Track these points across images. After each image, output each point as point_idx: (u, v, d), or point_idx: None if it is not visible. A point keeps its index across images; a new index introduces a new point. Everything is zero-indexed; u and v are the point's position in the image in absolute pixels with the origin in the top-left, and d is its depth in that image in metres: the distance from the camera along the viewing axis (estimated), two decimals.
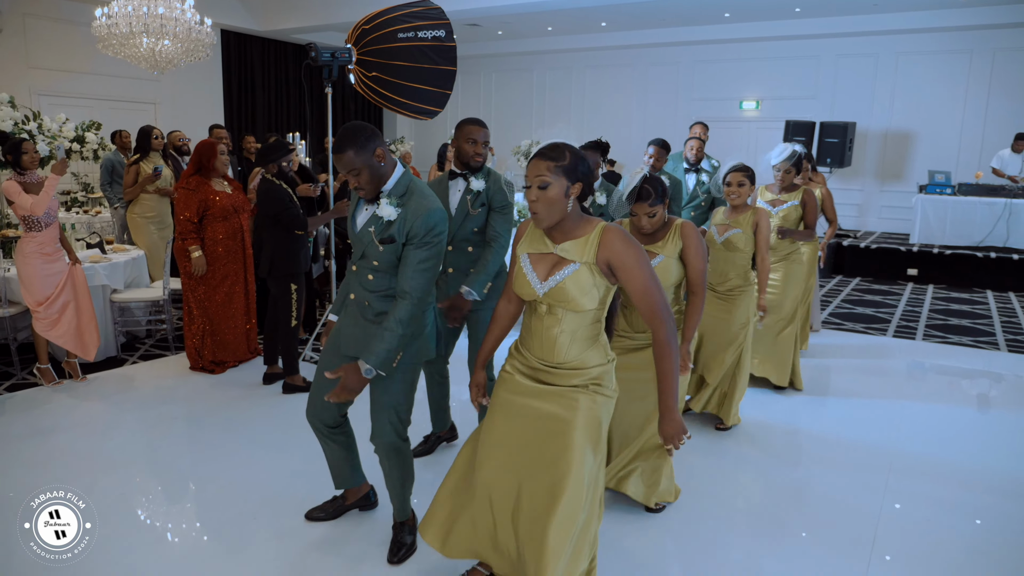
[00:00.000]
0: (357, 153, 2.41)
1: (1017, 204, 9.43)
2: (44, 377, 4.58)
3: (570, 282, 2.14)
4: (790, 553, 2.92)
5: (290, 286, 4.46)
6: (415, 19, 4.59)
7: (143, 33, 7.27)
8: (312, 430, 2.85)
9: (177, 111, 11.52)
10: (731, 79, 12.92)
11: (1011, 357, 6.00)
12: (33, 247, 4.31)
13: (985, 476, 3.68)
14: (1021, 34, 10.78)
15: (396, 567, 2.73)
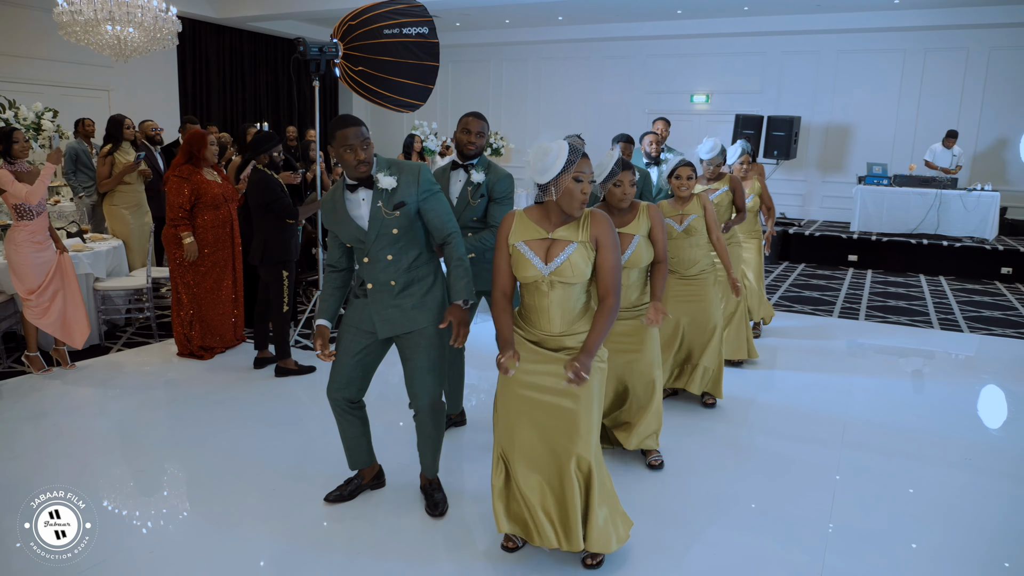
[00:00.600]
0: (367, 130, 2.78)
1: (947, 195, 10.11)
2: (33, 365, 4.63)
3: (573, 258, 2.51)
4: (772, 505, 3.27)
5: (282, 273, 4.62)
6: (400, 16, 4.78)
7: (107, 20, 7.24)
8: (332, 408, 3.04)
9: (131, 99, 11.34)
10: (682, 73, 13.38)
11: (944, 334, 6.55)
12: (25, 236, 4.37)
13: (926, 441, 4.11)
14: (949, 36, 11.51)
15: (439, 519, 3.01)
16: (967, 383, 5.33)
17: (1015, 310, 7.58)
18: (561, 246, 2.52)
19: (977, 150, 11.71)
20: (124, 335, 5.57)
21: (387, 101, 4.96)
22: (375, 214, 2.76)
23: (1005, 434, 4.40)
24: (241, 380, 4.66)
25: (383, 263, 2.81)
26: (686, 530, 3.04)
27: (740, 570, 2.78)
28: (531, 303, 2.61)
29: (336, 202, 2.85)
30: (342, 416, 3.04)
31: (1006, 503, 3.40)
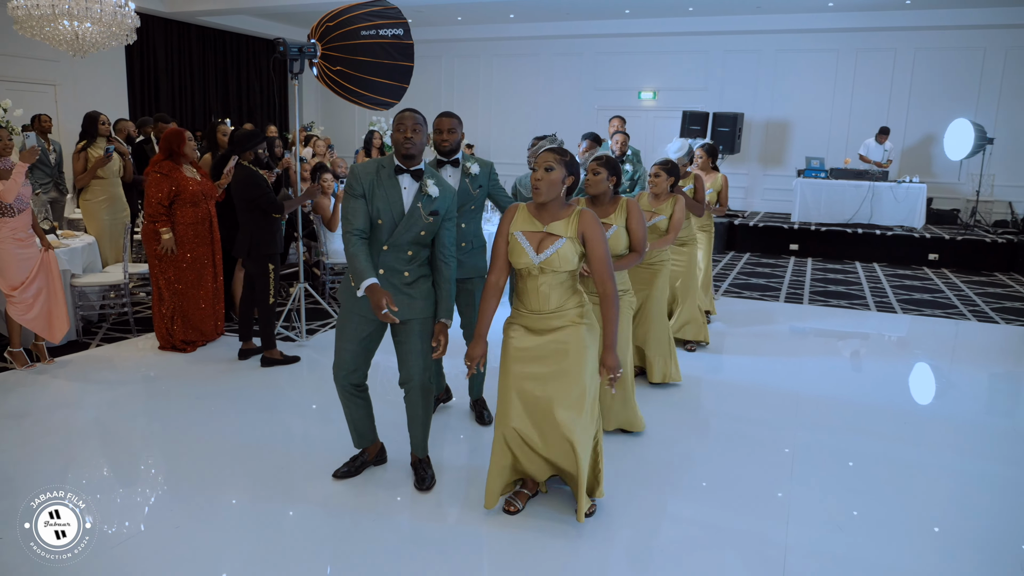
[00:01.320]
0: (419, 116, 3.02)
1: (879, 187, 10.78)
2: (16, 361, 4.67)
3: (562, 251, 2.81)
4: (747, 472, 3.62)
5: (268, 266, 4.76)
6: (376, 18, 4.96)
7: (65, 16, 7.16)
8: (339, 392, 3.24)
9: (78, 93, 11.14)
10: (630, 70, 13.81)
11: (880, 316, 7.09)
12: (6, 233, 4.40)
13: (870, 413, 4.55)
14: (878, 37, 12.22)
15: (427, 493, 3.24)
16: (904, 360, 5.85)
17: (942, 292, 8.20)
18: (552, 240, 2.82)
19: (905, 145, 12.46)
20: (100, 330, 5.61)
21: (364, 100, 5.14)
22: (413, 212, 2.98)
23: (940, 405, 4.88)
24: (228, 371, 4.79)
25: (404, 256, 3.01)
26: (653, 496, 3.36)
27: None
28: (523, 286, 2.92)
29: (384, 177, 2.99)
30: (349, 399, 3.25)
31: (944, 470, 3.80)
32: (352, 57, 4.91)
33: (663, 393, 4.61)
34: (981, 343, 6.33)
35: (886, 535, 3.04)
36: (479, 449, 3.71)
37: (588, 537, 2.93)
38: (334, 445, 3.61)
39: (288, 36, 15.39)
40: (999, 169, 11.89)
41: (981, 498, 3.41)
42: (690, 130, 11.59)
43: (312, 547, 2.84)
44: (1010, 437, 4.20)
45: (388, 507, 3.17)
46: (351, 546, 2.88)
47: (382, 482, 3.35)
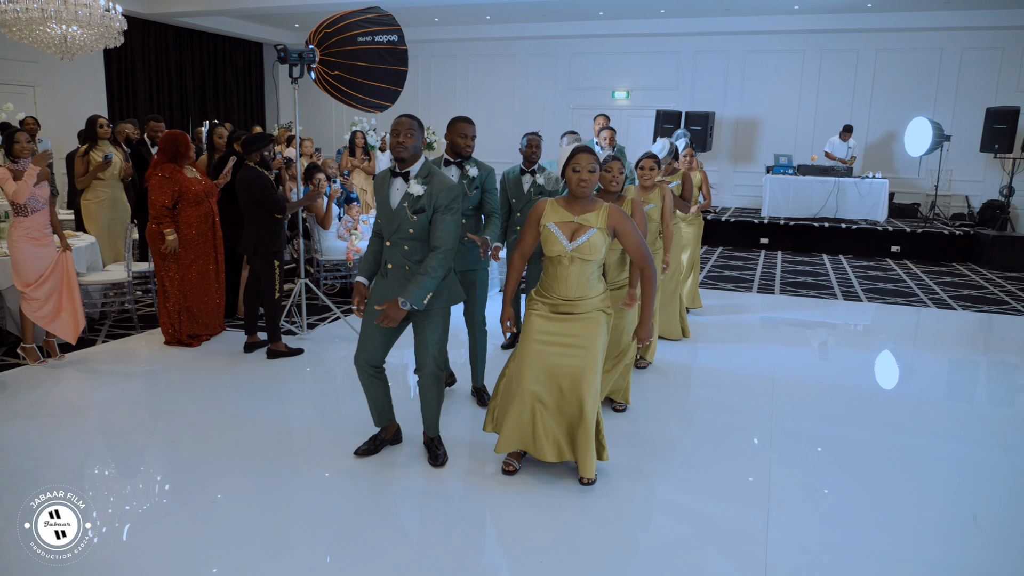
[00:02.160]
0: (414, 122, 3.23)
1: (844, 182, 11.25)
2: (29, 356, 4.82)
3: (593, 240, 3.14)
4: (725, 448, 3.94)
5: (273, 263, 4.97)
6: (372, 24, 5.20)
7: (52, 19, 7.26)
8: (358, 373, 3.48)
9: (57, 94, 11.17)
10: (604, 70, 14.15)
11: (847, 304, 7.50)
12: (20, 232, 4.56)
13: (838, 396, 4.91)
14: (841, 39, 12.71)
15: (440, 469, 3.50)
16: (871, 346, 6.25)
17: (904, 282, 8.66)
18: (584, 230, 3.15)
19: (869, 141, 12.98)
20: (103, 327, 5.76)
21: (360, 103, 5.37)
22: (398, 210, 3.24)
23: (904, 389, 5.27)
24: (235, 363, 5.00)
25: (401, 251, 3.27)
26: (646, 471, 3.67)
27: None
28: (553, 273, 3.24)
29: (384, 182, 3.31)
30: (368, 379, 3.50)
31: (912, 452, 4.07)
32: (349, 62, 5.14)
33: (641, 375, 4.92)
34: (941, 330, 6.75)
35: (860, 516, 3.38)
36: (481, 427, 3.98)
37: (592, 497, 3.22)
38: (346, 428, 3.86)
39: (265, 37, 15.55)
40: (956, 165, 12.46)
41: (951, 477, 3.74)
42: (664, 128, 11.96)
43: (337, 519, 3.09)
44: (970, 418, 4.57)
45: (404, 481, 3.43)
46: (374, 517, 3.13)
47: (398, 460, 3.61)
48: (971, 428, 4.35)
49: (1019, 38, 11.99)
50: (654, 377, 4.96)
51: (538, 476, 3.42)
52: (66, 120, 10.79)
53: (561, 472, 3.45)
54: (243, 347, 5.21)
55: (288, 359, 5.07)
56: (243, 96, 15.55)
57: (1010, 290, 8.30)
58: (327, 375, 4.97)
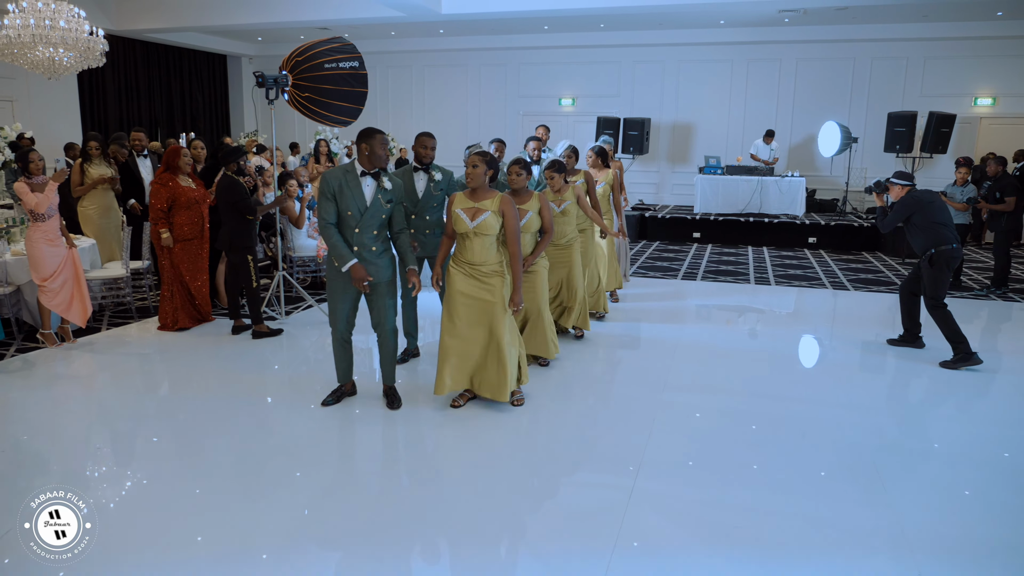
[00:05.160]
0: (384, 139, 4.18)
1: (766, 181, 12.44)
2: (48, 340, 5.64)
3: (488, 220, 4.15)
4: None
5: (246, 257, 5.85)
6: (336, 53, 6.11)
7: (41, 43, 8.01)
8: (334, 341, 4.43)
9: (35, 108, 11.82)
10: (551, 79, 15.22)
11: (757, 288, 8.63)
12: (39, 235, 5.38)
13: (750, 371, 5.99)
14: (765, 49, 13.96)
15: (395, 411, 4.46)
16: (759, 319, 7.37)
17: (812, 268, 9.84)
18: (481, 212, 4.17)
19: (792, 143, 14.25)
20: (104, 318, 6.57)
21: (327, 119, 6.28)
22: (375, 202, 4.17)
23: (782, 353, 6.37)
24: (225, 343, 5.87)
25: (371, 235, 4.20)
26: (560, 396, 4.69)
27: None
28: (462, 245, 4.28)
29: (349, 180, 4.15)
30: (342, 346, 4.44)
31: (837, 424, 4.46)
32: (318, 85, 6.05)
33: (578, 344, 5.95)
34: (828, 305, 7.91)
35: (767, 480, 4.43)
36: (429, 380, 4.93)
37: (515, 416, 4.22)
38: (318, 388, 4.78)
39: (228, 50, 16.32)
40: (869, 163, 13.79)
41: (791, 432, 4.83)
42: (604, 133, 13.02)
43: (319, 452, 4.03)
44: (848, 377, 5.68)
45: (369, 421, 4.38)
46: (349, 446, 4.08)
47: (362, 406, 4.56)
48: (804, 387, 5.41)
49: (921, 49, 13.36)
50: (580, 342, 5.99)
51: (474, 410, 4.40)
52: (42, 132, 11.43)
53: (490, 404, 4.44)
54: (231, 330, 6.09)
55: (270, 338, 5.97)
56: (209, 107, 16.26)
57: (902, 274, 9.52)
58: (302, 351, 5.88)
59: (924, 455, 4.06)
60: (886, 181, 5.99)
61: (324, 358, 5.27)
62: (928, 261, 5.64)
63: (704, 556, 2.99)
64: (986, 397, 5.09)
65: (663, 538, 3.13)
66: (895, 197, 5.85)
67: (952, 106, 12.72)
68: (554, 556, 3.00)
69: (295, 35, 14.39)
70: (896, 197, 5.84)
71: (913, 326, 6.01)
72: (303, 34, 14.11)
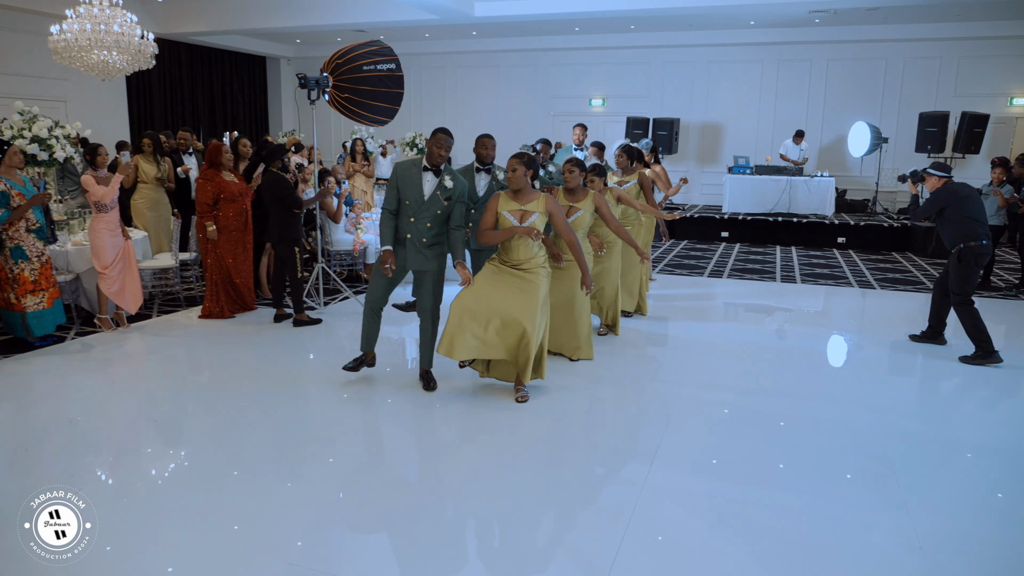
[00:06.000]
0: (451, 139, 4.45)
1: (795, 181, 12.51)
2: (104, 325, 6.03)
3: (536, 223, 4.36)
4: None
5: (293, 249, 6.18)
6: (375, 55, 6.41)
7: (96, 47, 8.45)
8: (364, 311, 4.72)
9: (85, 108, 12.34)
10: (581, 80, 15.43)
11: (782, 286, 8.75)
12: (101, 225, 5.76)
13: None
14: (796, 50, 14.00)
15: (431, 392, 4.73)
16: (794, 319, 7.51)
17: (840, 267, 9.92)
18: (529, 214, 4.38)
19: (822, 143, 14.27)
20: (154, 306, 6.96)
21: (365, 119, 6.59)
22: (433, 196, 4.44)
23: (802, 347, 6.51)
24: (267, 330, 6.20)
25: (424, 226, 4.47)
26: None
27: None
28: (507, 245, 4.47)
29: (413, 173, 4.45)
30: (371, 316, 4.74)
31: (855, 428, 4.60)
32: (357, 87, 6.36)
33: (613, 340, 6.17)
34: (851, 303, 8.01)
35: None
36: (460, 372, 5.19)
37: (538, 406, 4.46)
38: (357, 374, 5.06)
39: (268, 51, 16.81)
40: (902, 164, 13.74)
41: (805, 431, 4.99)
42: (633, 133, 13.21)
43: (352, 436, 4.31)
44: (876, 377, 5.81)
45: (405, 399, 4.66)
46: (385, 421, 4.36)
47: (399, 387, 4.84)
48: (830, 386, 5.58)
49: (954, 48, 13.30)
50: (614, 340, 6.21)
51: (500, 400, 4.65)
52: (93, 130, 11.94)
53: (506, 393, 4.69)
54: (273, 318, 6.42)
55: (310, 327, 6.28)
56: (248, 106, 16.76)
57: (931, 274, 9.55)
58: (339, 339, 6.17)
59: (951, 457, 4.03)
60: (922, 171, 5.93)
61: (356, 345, 5.54)
62: (956, 256, 5.63)
63: (728, 552, 3.06)
64: (1016, 397, 5.14)
65: (683, 532, 3.19)
66: (930, 188, 5.77)
67: (987, 106, 12.65)
68: (570, 541, 3.23)
69: (332, 37, 14.80)
70: (931, 188, 5.76)
71: (938, 324, 6.04)
72: (340, 36, 14.52)
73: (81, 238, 6.27)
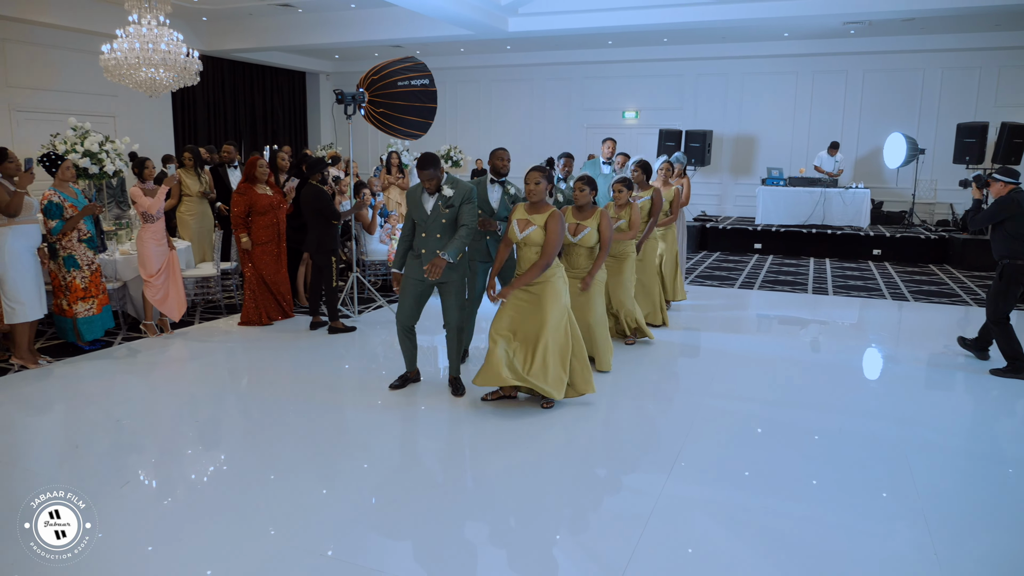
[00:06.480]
0: (436, 168, 4.54)
1: (830, 192, 12.42)
2: (149, 331, 6.29)
3: (532, 234, 4.48)
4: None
5: (331, 259, 6.38)
6: (408, 72, 6.61)
7: (144, 64, 8.81)
8: (398, 332, 4.87)
9: (133, 123, 12.81)
10: (614, 93, 15.52)
11: (813, 298, 8.71)
12: (148, 235, 6.03)
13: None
14: (831, 61, 13.92)
15: (459, 399, 4.86)
16: (827, 332, 7.48)
17: (874, 280, 9.83)
18: (530, 224, 4.50)
19: (858, 155, 14.14)
20: (196, 313, 7.22)
21: (399, 132, 6.78)
22: (435, 209, 4.61)
23: (828, 360, 6.50)
24: (303, 337, 6.40)
25: (434, 239, 4.63)
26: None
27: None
28: (518, 255, 4.61)
29: (418, 195, 4.67)
30: (404, 336, 4.88)
31: (879, 440, 4.59)
32: (392, 101, 6.55)
33: (635, 349, 6.24)
34: (887, 314, 7.95)
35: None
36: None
37: (555, 417, 4.55)
38: (385, 378, 5.21)
39: (307, 67, 17.21)
40: (940, 176, 13.58)
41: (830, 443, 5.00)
42: (666, 146, 13.25)
43: (385, 441, 4.46)
44: (910, 392, 5.79)
45: (435, 405, 4.79)
46: (416, 426, 4.49)
47: (429, 393, 4.97)
48: (847, 397, 5.56)
49: (994, 58, 13.10)
50: (634, 349, 6.28)
51: (526, 407, 4.76)
52: (140, 144, 12.40)
53: (532, 402, 4.79)
54: (309, 326, 6.62)
55: (344, 334, 6.47)
56: (288, 120, 17.19)
57: (968, 286, 9.42)
58: (372, 346, 6.35)
59: (976, 469, 4.04)
60: (988, 175, 5.68)
61: (393, 354, 5.69)
62: (999, 272, 5.50)
63: (742, 557, 3.14)
64: None
65: (699, 537, 3.30)
66: (995, 194, 5.51)
67: None
68: (585, 542, 3.32)
69: (370, 52, 15.14)
70: (996, 194, 5.49)
71: (985, 339, 5.89)
72: (377, 52, 14.85)
73: (128, 248, 6.55)
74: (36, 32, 11.26)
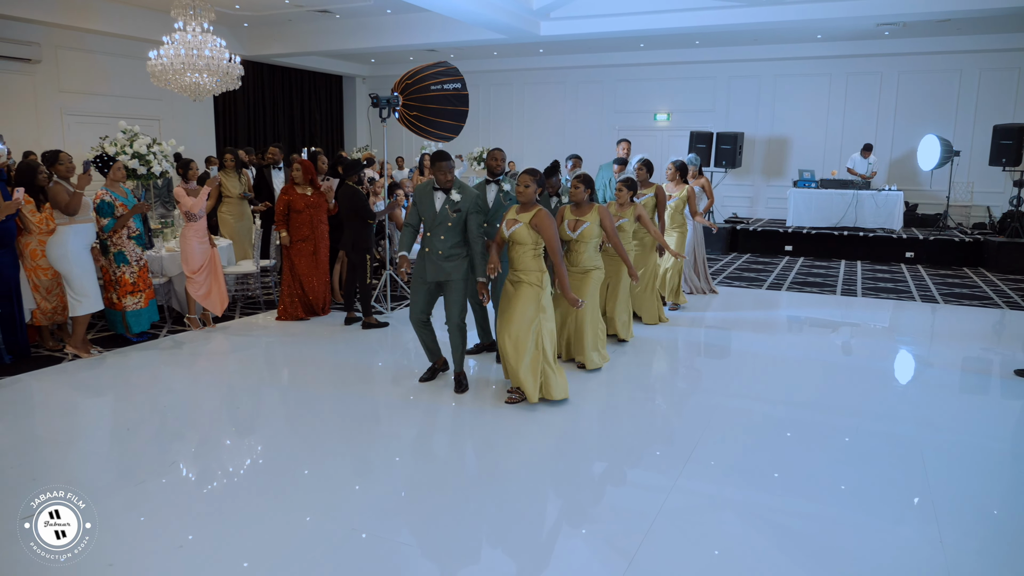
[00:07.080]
0: (451, 162, 4.77)
1: (862, 195, 12.36)
2: (192, 325, 6.60)
3: (517, 231, 4.64)
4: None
5: (365, 257, 6.63)
6: (441, 76, 6.83)
7: (188, 69, 9.18)
8: (413, 326, 5.10)
9: (177, 125, 13.27)
10: (646, 95, 15.60)
11: (840, 298, 8.72)
12: (191, 233, 6.34)
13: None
14: (865, 63, 13.83)
15: (462, 395, 5.03)
16: (829, 330, 7.51)
17: (905, 283, 9.79)
18: (516, 223, 4.67)
19: (892, 157, 14.02)
20: (236, 308, 7.52)
21: (432, 135, 7.00)
22: (442, 209, 4.82)
23: (855, 363, 6.54)
24: (338, 331, 6.65)
25: (439, 239, 4.84)
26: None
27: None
28: (508, 252, 4.78)
29: (427, 192, 4.88)
30: (420, 329, 5.11)
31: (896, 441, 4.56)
32: (425, 105, 6.78)
33: (626, 348, 6.36)
34: (911, 317, 7.94)
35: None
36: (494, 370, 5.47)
37: (547, 413, 4.70)
38: (414, 371, 5.42)
39: (344, 71, 17.57)
40: (977, 178, 13.41)
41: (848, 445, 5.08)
42: (697, 148, 13.29)
43: (400, 415, 4.66)
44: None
45: (438, 399, 4.98)
46: (421, 416, 4.70)
47: (434, 388, 5.17)
48: (872, 401, 5.61)
49: None
50: (628, 348, 6.41)
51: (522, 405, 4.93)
52: (184, 147, 12.85)
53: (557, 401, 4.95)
54: (343, 321, 6.87)
55: (377, 329, 6.70)
56: (325, 123, 17.59)
57: (1002, 290, 9.33)
58: (404, 341, 6.57)
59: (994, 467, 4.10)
60: None
61: (419, 347, 5.90)
62: None
63: (750, 550, 3.27)
64: None
65: (709, 532, 3.44)
66: None
67: None
68: (597, 531, 3.47)
69: (405, 56, 15.44)
70: None
71: None
72: (412, 55, 15.14)
73: (173, 245, 6.87)
74: (87, 39, 11.75)
